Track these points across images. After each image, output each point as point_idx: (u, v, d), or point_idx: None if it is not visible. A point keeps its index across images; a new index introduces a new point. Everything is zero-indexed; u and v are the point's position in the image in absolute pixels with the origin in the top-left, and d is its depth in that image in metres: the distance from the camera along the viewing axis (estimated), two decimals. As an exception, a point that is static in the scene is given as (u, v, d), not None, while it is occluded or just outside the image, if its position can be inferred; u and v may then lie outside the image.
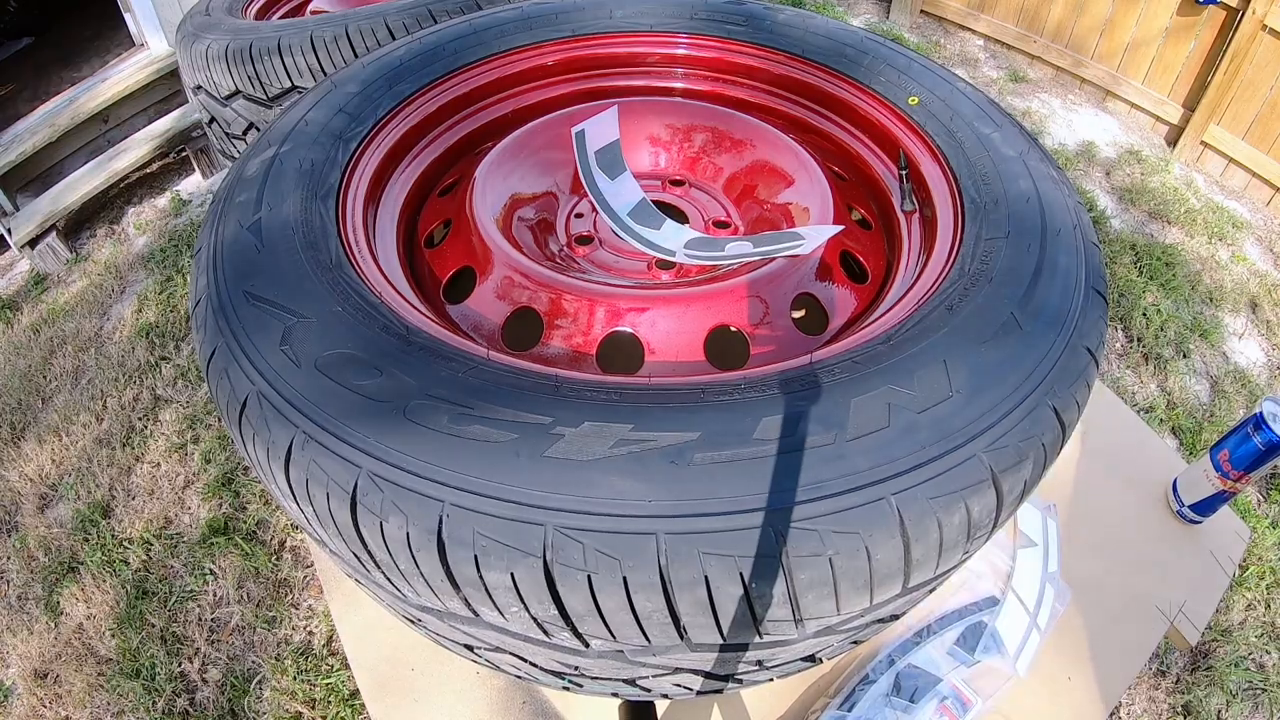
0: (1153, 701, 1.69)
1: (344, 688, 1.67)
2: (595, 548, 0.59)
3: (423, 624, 0.81)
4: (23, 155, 2.92)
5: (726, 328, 0.91)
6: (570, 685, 0.84)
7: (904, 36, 4.06)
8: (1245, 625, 1.81)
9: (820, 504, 0.60)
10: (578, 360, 0.88)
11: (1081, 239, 0.89)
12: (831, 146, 1.27)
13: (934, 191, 1.04)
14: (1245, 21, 2.88)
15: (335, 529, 0.66)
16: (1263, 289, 2.76)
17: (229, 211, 0.91)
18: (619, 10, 1.35)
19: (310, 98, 1.12)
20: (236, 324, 0.76)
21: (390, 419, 0.65)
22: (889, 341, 0.75)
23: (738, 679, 0.80)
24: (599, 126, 1.26)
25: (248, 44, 1.64)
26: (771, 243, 1.04)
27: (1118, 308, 2.60)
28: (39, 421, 2.35)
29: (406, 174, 1.16)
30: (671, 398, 0.67)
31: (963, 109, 1.10)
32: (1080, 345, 0.77)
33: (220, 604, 1.84)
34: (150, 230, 3.11)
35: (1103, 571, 1.26)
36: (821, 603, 0.62)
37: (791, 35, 1.30)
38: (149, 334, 2.57)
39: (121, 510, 2.07)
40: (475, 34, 1.28)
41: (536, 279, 0.93)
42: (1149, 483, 1.39)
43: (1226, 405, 2.33)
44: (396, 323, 0.76)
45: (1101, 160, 3.32)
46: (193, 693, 1.71)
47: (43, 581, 1.94)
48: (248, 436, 0.70)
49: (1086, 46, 3.57)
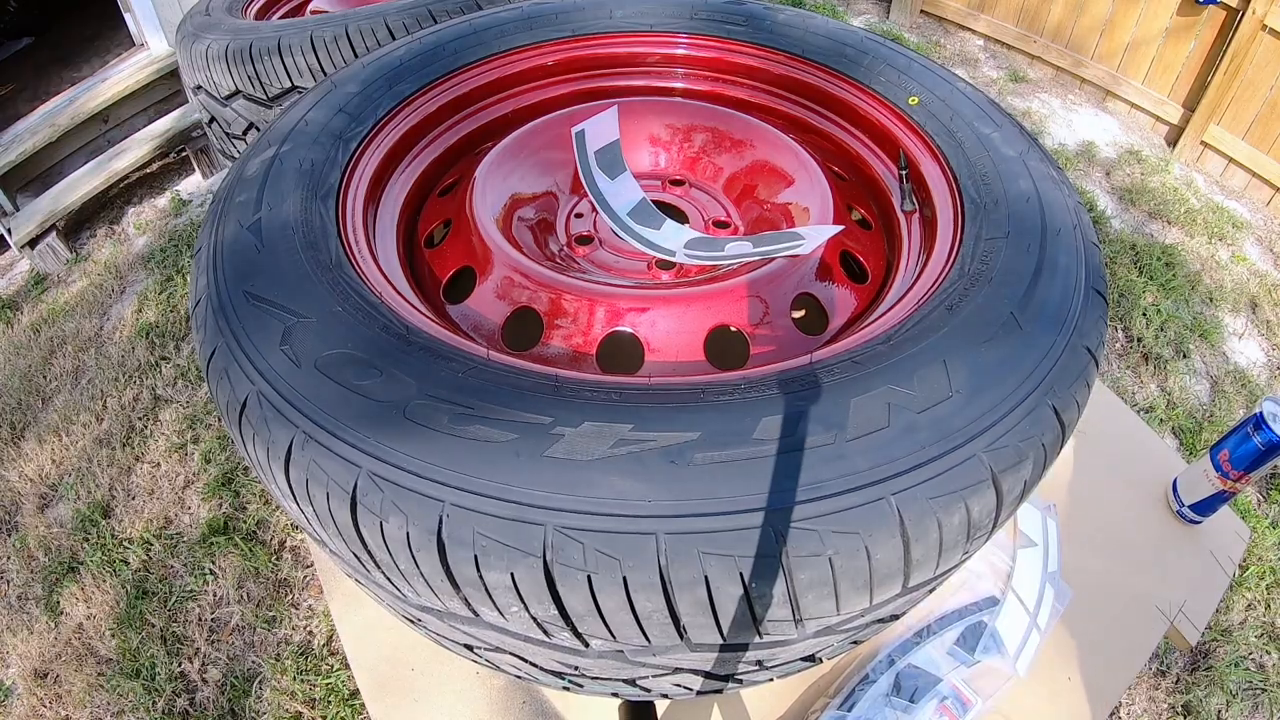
0: (1153, 701, 1.69)
1: (344, 688, 1.67)
2: (595, 548, 0.59)
3: (423, 624, 0.81)
4: (23, 155, 2.92)
5: (726, 328, 0.91)
6: (570, 685, 0.84)
7: (904, 36, 4.06)
8: (1245, 625, 1.81)
9: (820, 504, 0.60)
10: (578, 360, 0.88)
11: (1081, 239, 0.89)
12: (831, 146, 1.27)
13: (934, 191, 1.04)
14: (1245, 21, 2.88)
15: (335, 529, 0.66)
16: (1263, 289, 2.76)
17: (229, 211, 0.91)
18: (619, 10, 1.35)
19: (310, 98, 1.12)
20: (236, 324, 0.76)
21: (390, 419, 0.65)
22: (889, 341, 0.75)
23: (738, 679, 0.80)
24: (599, 126, 1.26)
25: (248, 44, 1.64)
26: (771, 243, 1.04)
27: (1118, 308, 2.60)
28: (39, 421, 2.35)
29: (406, 174, 1.16)
30: (671, 398, 0.67)
31: (963, 109, 1.10)
32: (1080, 345, 0.77)
33: (220, 604, 1.84)
34: (150, 230, 3.11)
35: (1103, 571, 1.26)
36: (821, 603, 0.62)
37: (791, 35, 1.30)
38: (149, 334, 2.57)
39: (121, 510, 2.07)
40: (475, 34, 1.28)
41: (536, 279, 0.93)
42: (1149, 483, 1.39)
43: (1226, 405, 2.34)
44: (396, 323, 0.76)
45: (1101, 160, 3.32)
46: (193, 693, 1.71)
47: (43, 581, 1.94)
48: (248, 436, 0.70)
49: (1086, 46, 3.57)
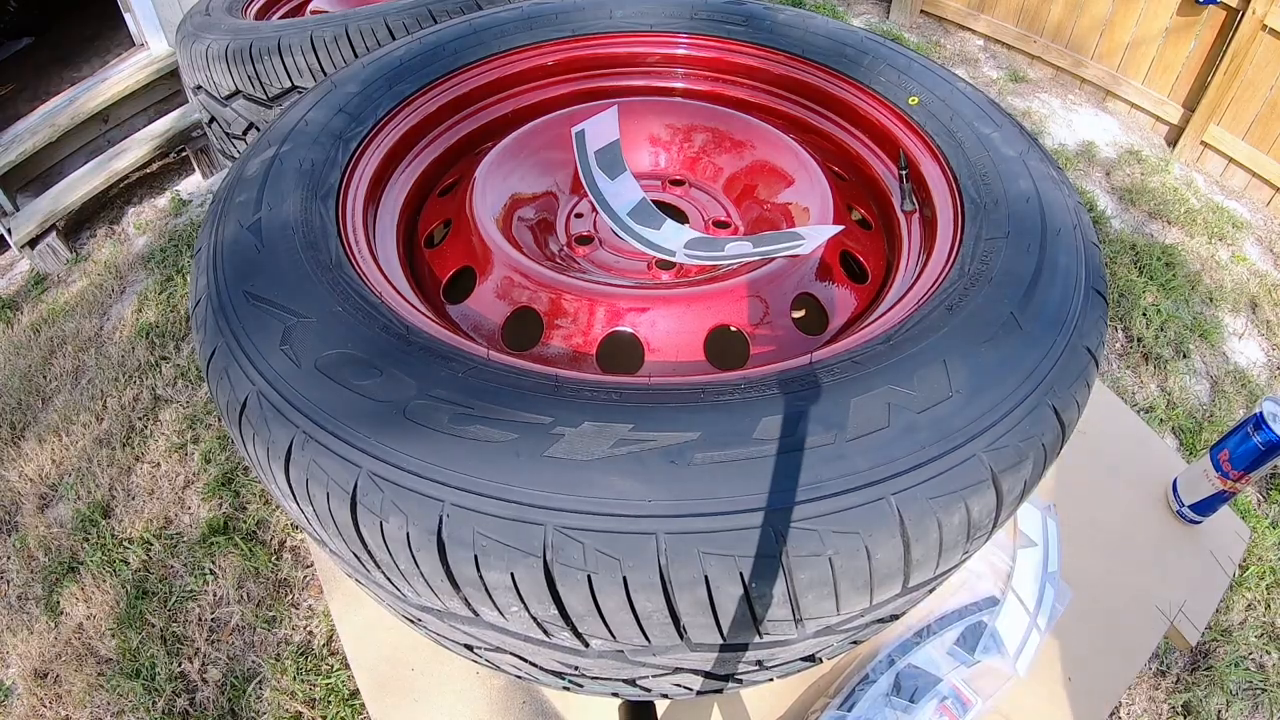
0: (1153, 701, 1.69)
1: (344, 688, 1.67)
2: (595, 547, 0.58)
3: (423, 624, 0.81)
4: (23, 155, 2.92)
5: (726, 328, 0.91)
6: (570, 685, 0.84)
7: (904, 36, 4.06)
8: (1245, 625, 1.81)
9: (820, 504, 0.60)
10: (578, 360, 0.88)
11: (1081, 239, 0.89)
12: (831, 146, 1.27)
13: (934, 191, 1.04)
14: (1245, 21, 2.88)
15: (335, 529, 0.66)
16: (1263, 289, 2.76)
17: (229, 211, 0.91)
18: (619, 10, 1.35)
19: (310, 98, 1.12)
20: (236, 324, 0.76)
21: (390, 419, 0.65)
22: (889, 341, 0.75)
23: (738, 679, 0.80)
24: (599, 126, 1.26)
25: (248, 44, 1.64)
26: (771, 243, 1.04)
27: (1118, 308, 2.60)
28: (39, 421, 2.35)
29: (406, 174, 1.16)
30: (671, 397, 0.67)
31: (963, 109, 1.10)
32: (1080, 345, 0.77)
33: (220, 604, 1.84)
34: (150, 230, 3.11)
35: (1103, 571, 1.26)
36: (821, 603, 0.62)
37: (791, 35, 1.30)
38: (149, 334, 2.57)
39: (121, 510, 2.07)
40: (475, 34, 1.28)
41: (536, 279, 0.93)
42: (1149, 483, 1.39)
43: (1226, 405, 2.34)
44: (396, 323, 0.76)
45: (1101, 160, 3.32)
46: (193, 693, 1.71)
47: (43, 581, 1.94)
48: (248, 436, 0.70)
49: (1086, 46, 3.57)
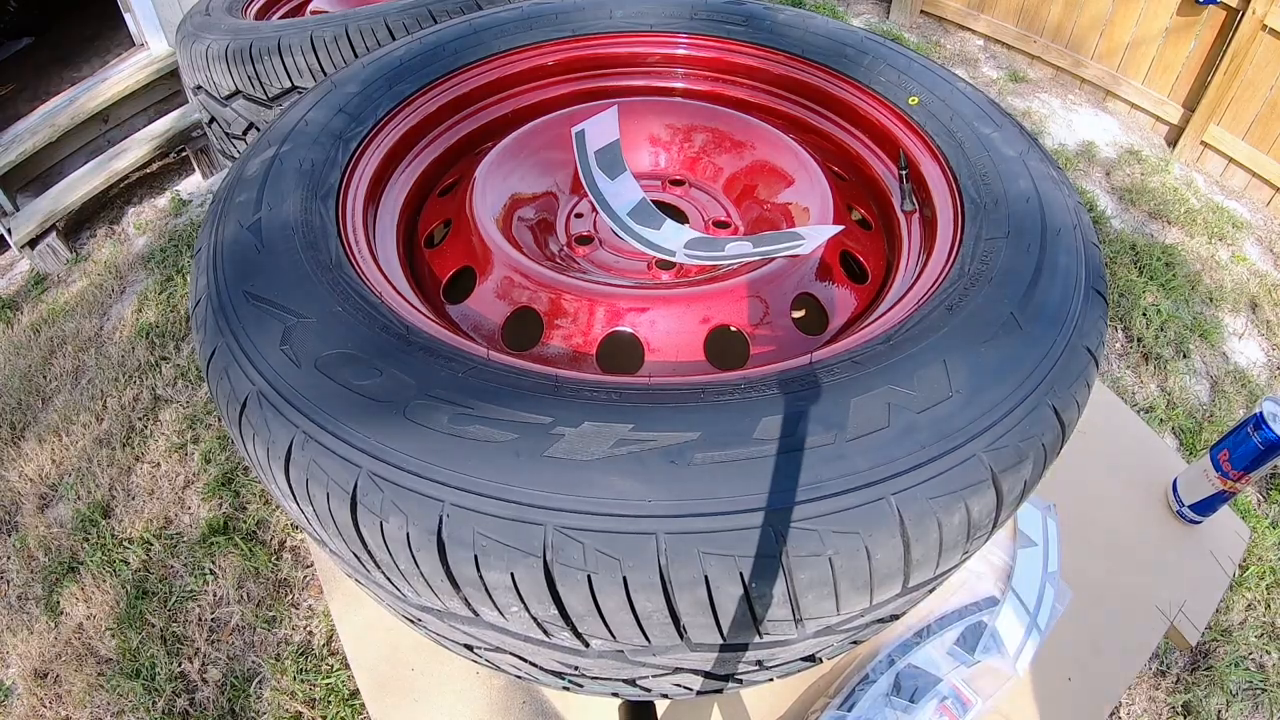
0: (1153, 701, 1.70)
1: (344, 688, 1.67)
2: (595, 548, 0.58)
3: (423, 624, 0.81)
4: (23, 155, 2.93)
5: (726, 328, 0.91)
6: (570, 685, 0.84)
7: (904, 36, 4.06)
8: (1245, 625, 1.81)
9: (820, 504, 0.60)
10: (578, 360, 0.88)
11: (1081, 239, 0.89)
12: (831, 146, 1.27)
13: (934, 191, 1.04)
14: (1245, 21, 2.88)
15: (335, 529, 0.66)
16: (1263, 289, 2.76)
17: (229, 211, 0.91)
18: (619, 10, 1.35)
19: (310, 98, 1.12)
20: (236, 324, 0.76)
21: (390, 419, 0.65)
22: (889, 341, 0.75)
23: (738, 679, 0.80)
24: (599, 126, 1.26)
25: (248, 44, 1.64)
26: (771, 243, 1.04)
27: (1118, 308, 2.60)
28: (39, 421, 2.35)
29: (406, 174, 1.16)
30: (671, 398, 0.67)
31: (963, 109, 1.10)
32: (1080, 345, 0.77)
33: (220, 604, 1.84)
34: (150, 230, 3.11)
35: (1103, 571, 1.26)
36: (821, 603, 0.62)
37: (791, 35, 1.30)
38: (149, 334, 2.57)
39: (121, 510, 2.07)
40: (475, 34, 1.28)
41: (536, 279, 0.93)
42: (1149, 483, 1.39)
43: (1226, 405, 2.34)
44: (396, 323, 0.76)
45: (1101, 160, 3.32)
46: (193, 693, 1.71)
47: (43, 581, 1.94)
48: (248, 436, 0.70)
49: (1086, 46, 3.57)
